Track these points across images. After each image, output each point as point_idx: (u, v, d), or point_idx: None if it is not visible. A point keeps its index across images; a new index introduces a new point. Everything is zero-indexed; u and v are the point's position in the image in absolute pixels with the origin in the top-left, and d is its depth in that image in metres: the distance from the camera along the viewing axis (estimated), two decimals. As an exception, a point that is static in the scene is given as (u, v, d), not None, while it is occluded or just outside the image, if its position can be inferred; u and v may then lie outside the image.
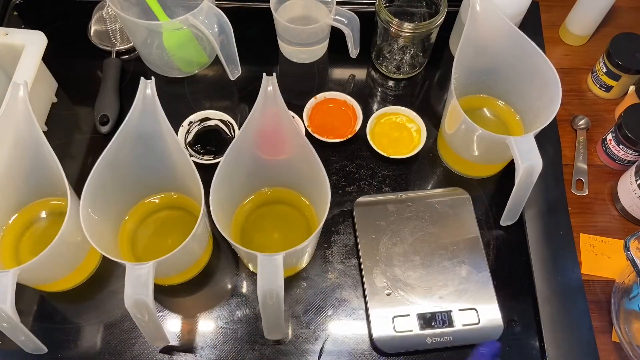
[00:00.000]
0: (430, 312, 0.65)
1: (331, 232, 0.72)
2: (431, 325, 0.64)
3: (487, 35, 0.68)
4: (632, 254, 0.58)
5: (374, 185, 0.75)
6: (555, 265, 0.69)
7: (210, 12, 0.71)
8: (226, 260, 0.70)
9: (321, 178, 0.57)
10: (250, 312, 0.67)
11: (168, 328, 0.66)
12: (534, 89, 0.68)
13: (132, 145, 0.60)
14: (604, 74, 0.80)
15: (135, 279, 0.52)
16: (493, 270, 0.68)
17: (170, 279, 0.67)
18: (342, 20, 0.76)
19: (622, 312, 0.64)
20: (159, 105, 0.58)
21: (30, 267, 0.55)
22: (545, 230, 0.71)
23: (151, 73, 0.83)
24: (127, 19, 0.70)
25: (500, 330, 0.64)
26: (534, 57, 0.65)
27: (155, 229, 0.69)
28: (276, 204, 0.71)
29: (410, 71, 0.83)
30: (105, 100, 0.78)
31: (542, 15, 0.89)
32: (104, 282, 0.68)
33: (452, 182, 0.75)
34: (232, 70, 0.77)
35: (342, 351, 0.65)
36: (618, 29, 0.82)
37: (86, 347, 0.65)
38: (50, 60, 0.76)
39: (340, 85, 0.84)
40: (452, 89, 0.65)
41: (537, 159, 0.60)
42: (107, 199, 0.61)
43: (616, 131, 0.73)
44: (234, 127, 0.76)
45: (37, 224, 0.69)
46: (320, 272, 0.69)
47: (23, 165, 0.63)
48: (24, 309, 0.66)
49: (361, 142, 0.78)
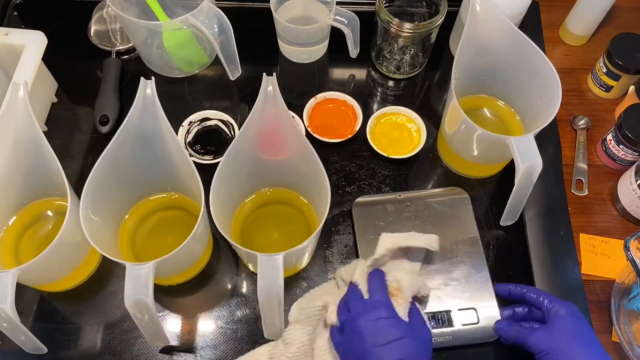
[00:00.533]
0: (429, 312, 0.65)
1: (331, 232, 0.72)
2: (431, 325, 0.64)
3: (487, 35, 0.68)
4: (632, 254, 0.58)
5: (374, 185, 0.75)
6: (555, 265, 0.69)
7: (210, 12, 0.71)
8: (226, 260, 0.70)
9: (321, 178, 0.57)
10: (250, 312, 0.67)
11: (168, 328, 0.66)
12: (534, 89, 0.68)
13: (132, 145, 0.60)
14: (604, 74, 0.80)
15: (135, 279, 0.52)
16: (493, 270, 0.68)
17: (170, 279, 0.67)
18: (342, 20, 0.76)
19: (622, 312, 0.64)
20: (159, 105, 0.58)
21: (30, 267, 0.55)
22: (545, 230, 0.71)
23: (151, 73, 0.83)
24: (127, 19, 0.70)
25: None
26: (534, 57, 0.65)
27: (155, 229, 0.69)
28: (276, 204, 0.71)
29: (410, 71, 0.83)
30: (105, 100, 0.78)
31: (542, 15, 0.89)
32: (104, 282, 0.68)
33: (452, 182, 0.75)
34: (232, 70, 0.77)
35: (342, 351, 0.65)
36: (618, 29, 0.82)
37: (86, 347, 0.65)
38: (50, 60, 0.76)
39: (340, 85, 0.84)
40: (452, 89, 0.65)
41: (537, 159, 0.60)
42: (107, 199, 0.61)
43: (616, 131, 0.73)
44: (234, 127, 0.76)
45: (37, 224, 0.69)
46: (320, 272, 0.69)
47: (23, 165, 0.63)
48: (24, 309, 0.66)
49: (361, 142, 0.78)
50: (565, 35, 0.88)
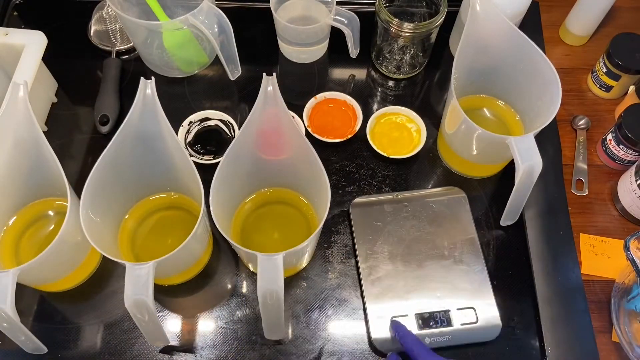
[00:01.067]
0: (428, 312, 0.65)
1: (331, 232, 0.72)
2: (430, 325, 0.64)
3: (487, 35, 0.68)
4: (632, 254, 0.58)
5: (374, 185, 0.75)
6: (555, 265, 0.69)
7: (210, 12, 0.71)
8: (226, 260, 0.70)
9: (321, 178, 0.57)
10: (250, 312, 0.67)
11: (168, 328, 0.66)
12: (534, 89, 0.68)
13: (132, 145, 0.60)
14: (604, 74, 0.80)
15: (135, 279, 0.52)
16: (493, 270, 0.68)
17: (170, 279, 0.67)
18: (342, 20, 0.76)
19: (622, 312, 0.64)
20: (159, 105, 0.58)
21: (30, 267, 0.55)
22: (545, 230, 0.71)
23: (151, 73, 0.83)
24: (127, 19, 0.70)
25: (498, 328, 0.64)
26: (534, 57, 0.65)
27: (155, 229, 0.69)
28: (276, 204, 0.71)
29: (410, 71, 0.83)
30: (105, 100, 0.78)
31: (542, 15, 0.89)
32: (104, 282, 0.68)
33: (452, 182, 0.75)
34: (232, 70, 0.77)
35: (342, 351, 0.65)
36: (618, 29, 0.82)
37: (86, 347, 0.65)
38: (50, 60, 0.76)
39: (340, 85, 0.84)
40: (452, 89, 0.65)
41: (537, 159, 0.60)
42: (107, 199, 0.61)
43: (616, 131, 0.73)
44: (234, 127, 0.76)
45: (37, 224, 0.69)
46: (320, 272, 0.69)
47: (23, 165, 0.63)
48: (24, 309, 0.66)
49: (361, 142, 0.78)
50: (565, 35, 0.88)
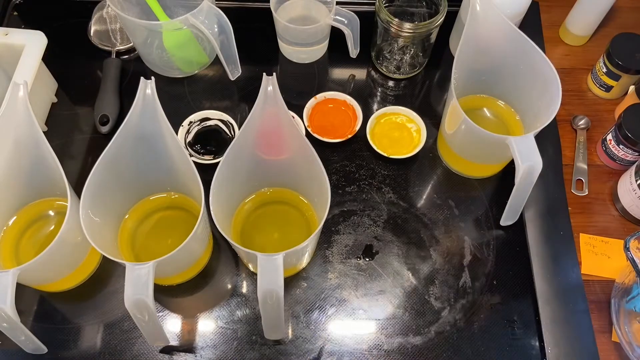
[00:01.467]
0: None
1: (331, 232, 0.72)
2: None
3: (487, 35, 0.68)
4: (632, 254, 0.58)
5: (373, 185, 0.75)
6: (555, 265, 0.69)
7: (210, 12, 0.71)
8: (226, 260, 0.70)
9: (321, 178, 0.57)
10: (250, 312, 0.67)
11: (168, 328, 0.66)
12: (534, 89, 0.68)
13: (132, 145, 0.60)
14: (604, 74, 0.80)
15: (135, 279, 0.52)
16: (493, 270, 0.68)
17: (170, 279, 0.67)
18: (342, 20, 0.76)
19: (622, 312, 0.64)
20: (159, 105, 0.58)
21: (30, 267, 0.55)
22: (545, 230, 0.71)
23: (151, 73, 0.83)
24: (127, 19, 0.70)
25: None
26: (534, 57, 0.65)
27: (156, 229, 0.69)
28: (276, 204, 0.71)
29: (410, 71, 0.83)
30: (105, 100, 0.78)
31: (542, 15, 0.89)
32: (104, 282, 0.68)
33: (452, 182, 0.75)
34: (232, 70, 0.77)
35: (342, 351, 0.65)
36: (618, 29, 0.82)
37: (86, 347, 0.65)
38: (50, 60, 0.76)
39: (340, 85, 0.84)
40: (452, 89, 0.65)
41: (537, 159, 0.60)
42: (107, 199, 0.61)
43: (616, 131, 0.73)
44: (234, 127, 0.76)
45: (37, 224, 0.69)
46: (320, 272, 0.69)
47: (23, 165, 0.63)
48: (24, 309, 0.66)
49: (361, 142, 0.78)
50: (565, 35, 0.88)
